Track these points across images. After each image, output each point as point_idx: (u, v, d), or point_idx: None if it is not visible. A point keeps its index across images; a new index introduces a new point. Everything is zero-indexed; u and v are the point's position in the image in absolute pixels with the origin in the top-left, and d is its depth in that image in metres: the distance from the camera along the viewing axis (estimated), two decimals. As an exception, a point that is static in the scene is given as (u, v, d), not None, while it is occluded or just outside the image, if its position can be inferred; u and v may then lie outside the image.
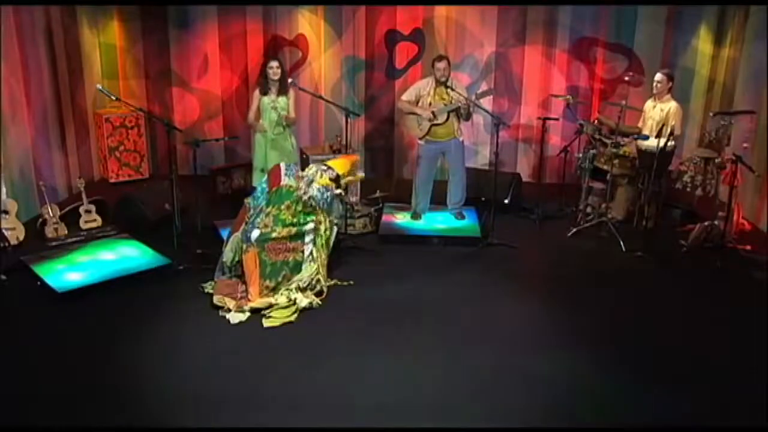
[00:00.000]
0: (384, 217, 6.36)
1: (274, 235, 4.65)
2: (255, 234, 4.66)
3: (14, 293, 4.74)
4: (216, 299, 4.56)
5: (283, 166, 5.03)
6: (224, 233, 5.17)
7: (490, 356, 4.02)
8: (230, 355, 4.02)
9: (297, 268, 4.72)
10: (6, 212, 5.45)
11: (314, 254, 4.78)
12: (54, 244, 5.59)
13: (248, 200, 5.03)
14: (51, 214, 5.74)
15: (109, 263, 5.17)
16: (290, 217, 4.72)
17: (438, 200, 6.43)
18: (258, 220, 4.73)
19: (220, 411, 3.46)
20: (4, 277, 4.86)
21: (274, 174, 5.01)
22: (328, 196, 4.94)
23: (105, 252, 5.38)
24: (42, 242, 5.60)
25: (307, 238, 4.75)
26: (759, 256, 5.56)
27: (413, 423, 3.40)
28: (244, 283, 4.64)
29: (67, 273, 4.93)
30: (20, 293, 4.73)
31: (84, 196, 6.03)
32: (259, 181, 5.23)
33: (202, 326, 4.33)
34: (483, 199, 6.40)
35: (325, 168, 5.07)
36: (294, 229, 4.72)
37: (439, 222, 6.28)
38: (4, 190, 5.41)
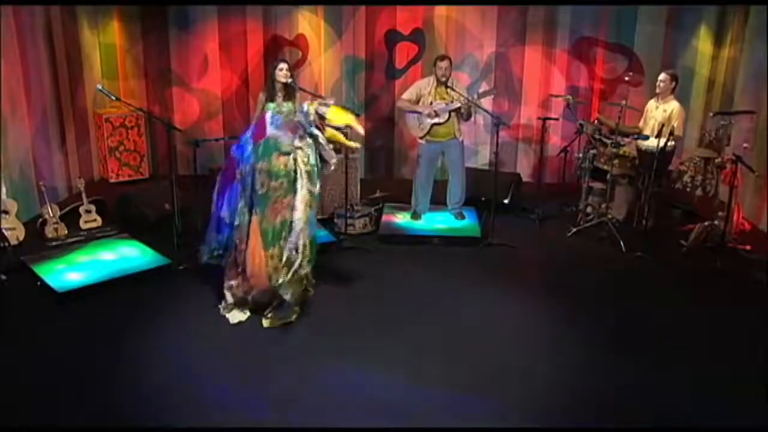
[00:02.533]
0: (384, 217, 6.36)
1: (270, 193, 4.42)
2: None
3: (14, 293, 4.73)
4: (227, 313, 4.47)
5: (268, 115, 4.68)
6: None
7: (489, 356, 4.03)
8: (230, 355, 4.01)
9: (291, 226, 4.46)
10: (6, 212, 5.44)
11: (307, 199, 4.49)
12: (54, 244, 5.59)
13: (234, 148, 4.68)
14: (51, 214, 5.73)
15: (109, 263, 5.17)
16: (282, 167, 4.46)
17: (438, 200, 6.43)
18: (251, 180, 4.45)
19: (220, 411, 3.46)
20: (4, 277, 4.86)
21: (259, 126, 4.67)
22: (310, 121, 4.56)
23: (105, 252, 5.37)
24: (42, 242, 5.60)
25: (298, 184, 4.47)
26: (759, 256, 5.55)
27: (413, 423, 3.40)
28: (239, 274, 4.49)
29: (67, 273, 4.93)
30: (20, 293, 4.73)
31: (84, 196, 6.03)
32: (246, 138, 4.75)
33: (201, 326, 4.33)
34: (483, 199, 6.40)
35: (325, 105, 4.65)
36: (286, 181, 4.46)
37: (439, 222, 6.28)
38: (4, 190, 5.41)
